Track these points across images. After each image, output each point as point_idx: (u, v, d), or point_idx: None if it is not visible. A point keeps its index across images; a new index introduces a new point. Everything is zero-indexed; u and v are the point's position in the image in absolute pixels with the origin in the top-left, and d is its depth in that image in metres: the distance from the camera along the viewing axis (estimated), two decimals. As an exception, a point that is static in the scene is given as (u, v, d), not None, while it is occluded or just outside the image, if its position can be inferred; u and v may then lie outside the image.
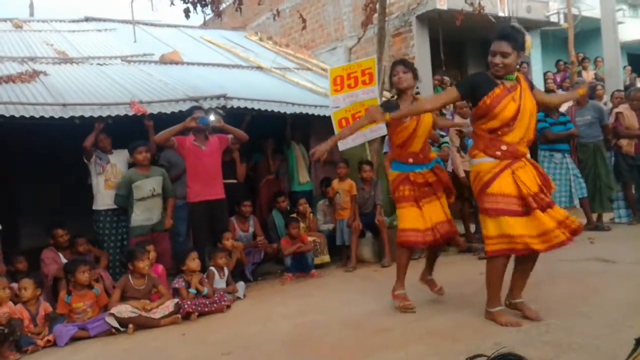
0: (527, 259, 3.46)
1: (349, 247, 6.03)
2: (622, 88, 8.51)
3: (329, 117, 6.23)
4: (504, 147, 3.32)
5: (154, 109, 5.74)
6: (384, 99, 7.10)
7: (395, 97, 4.05)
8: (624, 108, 6.77)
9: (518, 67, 3.64)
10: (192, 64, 8.59)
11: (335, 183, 6.42)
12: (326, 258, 6.13)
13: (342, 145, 6.24)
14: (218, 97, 6.18)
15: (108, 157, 5.53)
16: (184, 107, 5.84)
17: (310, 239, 5.98)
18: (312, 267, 5.73)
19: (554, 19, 10.73)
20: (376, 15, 7.17)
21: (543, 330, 3.29)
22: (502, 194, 3.27)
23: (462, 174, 5.92)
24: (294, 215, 6.32)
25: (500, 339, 3.19)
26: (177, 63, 8.50)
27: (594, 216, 6.66)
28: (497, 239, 3.31)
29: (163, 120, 5.58)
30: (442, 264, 5.02)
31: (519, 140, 3.34)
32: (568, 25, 9.83)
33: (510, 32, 3.35)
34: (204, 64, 8.69)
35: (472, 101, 3.42)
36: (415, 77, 3.99)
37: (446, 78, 9.51)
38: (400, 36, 9.62)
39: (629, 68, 11.71)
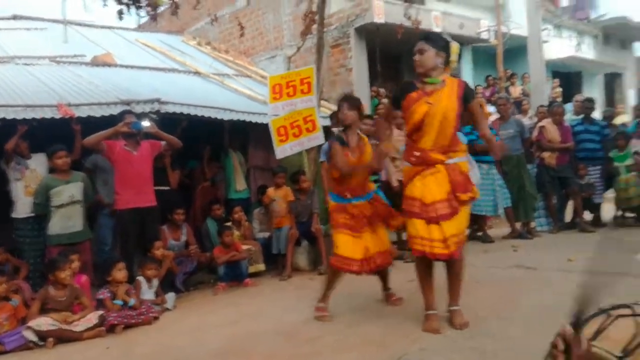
0: (449, 268, 3.59)
1: (285, 255, 6.02)
2: (546, 103, 9.00)
3: (267, 125, 6.22)
4: (417, 154, 3.45)
5: (83, 112, 5.51)
6: (322, 108, 7.19)
7: (342, 129, 4.16)
8: (547, 122, 7.16)
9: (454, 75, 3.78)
10: (126, 66, 8.33)
11: (271, 191, 6.40)
12: (261, 267, 6.07)
13: (280, 153, 6.25)
14: (152, 102, 6.02)
15: (27, 162, 5.26)
16: (115, 110, 5.65)
17: (245, 247, 5.91)
18: (246, 276, 5.65)
19: (484, 36, 11.24)
20: (315, 25, 7.24)
21: (468, 336, 3.40)
22: (410, 197, 3.45)
23: (396, 183, 6.06)
24: (230, 223, 6.23)
25: (427, 345, 3.28)
26: (109, 65, 8.22)
27: (519, 225, 6.99)
28: (413, 239, 3.43)
29: (92, 124, 5.36)
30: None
31: (432, 146, 3.42)
32: (497, 43, 10.33)
33: (430, 34, 3.57)
34: (138, 67, 8.44)
35: (398, 104, 3.54)
36: (360, 114, 4.16)
37: (382, 90, 9.73)
38: (339, 47, 9.76)
39: (556, 81, 12.37)
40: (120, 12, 6.20)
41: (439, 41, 3.46)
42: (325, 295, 4.10)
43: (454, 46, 3.54)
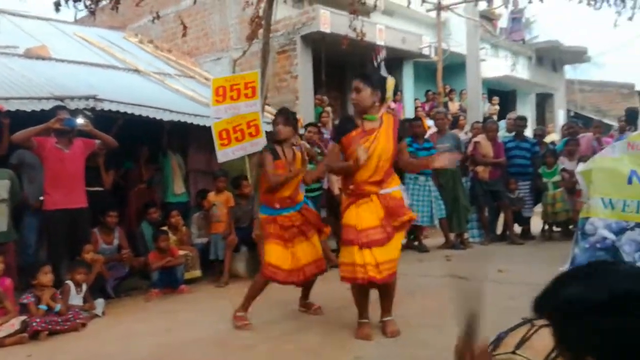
0: (381, 288, 3.70)
1: (223, 261, 5.92)
2: (481, 119, 9.38)
3: (210, 128, 6.11)
4: (352, 186, 3.62)
5: (13, 106, 5.20)
6: (266, 113, 7.15)
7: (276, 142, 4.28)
8: (481, 138, 7.46)
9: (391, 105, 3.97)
10: (62, 60, 7.96)
11: (211, 195, 6.29)
12: (197, 273, 5.92)
13: (222, 157, 6.15)
14: (87, 98, 5.76)
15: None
16: (47, 106, 5.37)
17: (181, 252, 5.76)
18: (182, 282, 5.50)
19: (426, 51, 11.59)
20: (262, 30, 7.22)
21: (401, 345, 3.48)
22: (345, 225, 3.60)
23: (337, 191, 6.11)
24: (166, 227, 6.05)
25: (361, 354, 3.32)
26: (44, 58, 7.82)
27: (453, 236, 7.22)
28: (344, 267, 3.56)
29: (22, 119, 5.08)
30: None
31: (366, 179, 3.57)
32: (438, 59, 10.68)
33: (366, 73, 3.75)
34: (75, 62, 8.08)
35: (338, 140, 3.70)
36: (295, 129, 4.34)
37: (325, 98, 9.82)
38: (285, 54, 9.77)
39: (495, 99, 12.87)
40: (57, 4, 5.92)
41: (374, 79, 3.64)
42: (246, 304, 4.12)
43: (390, 81, 3.75)
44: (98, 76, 7.65)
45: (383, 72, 3.79)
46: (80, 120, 5.15)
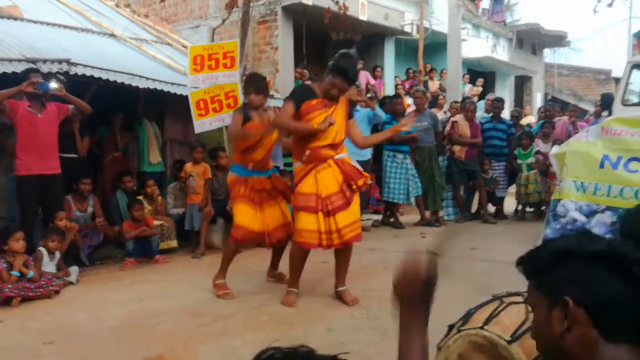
0: (339, 253, 3.87)
1: (199, 232, 5.90)
2: (460, 99, 9.43)
3: (187, 97, 6.01)
4: (307, 152, 3.70)
5: (-19, 68, 5.02)
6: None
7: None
8: (459, 117, 7.51)
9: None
10: (34, 22, 7.67)
11: (188, 166, 6.21)
12: (173, 243, 5.89)
13: (199, 128, 6.08)
14: (60, 62, 5.58)
15: None
16: (19, 68, 5.19)
17: (156, 222, 5.71)
18: (157, 252, 5.47)
19: (408, 29, 11.53)
20: (242, -1, 7.07)
21: (373, 317, 3.55)
22: (302, 193, 3.69)
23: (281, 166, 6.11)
24: (141, 197, 5.98)
25: (334, 325, 3.37)
26: (15, 19, 7.53)
27: (428, 213, 7.31)
28: (306, 233, 3.67)
29: (-9, 81, 4.92)
30: (286, 252, 5.16)
31: (323, 144, 3.70)
32: (419, 37, 10.64)
33: (348, 72, 3.70)
34: (48, 24, 7.80)
35: (297, 107, 3.72)
36: (267, 95, 4.41)
37: (306, 71, 9.73)
38: (266, 24, 9.61)
39: (480, 80, 12.89)
40: (29, -38, 5.68)
41: (354, 76, 3.93)
42: (222, 270, 4.18)
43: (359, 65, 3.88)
44: (72, 39, 7.41)
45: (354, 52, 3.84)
46: (53, 85, 5.00)
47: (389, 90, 10.68)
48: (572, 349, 1.03)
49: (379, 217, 7.53)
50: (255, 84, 4.27)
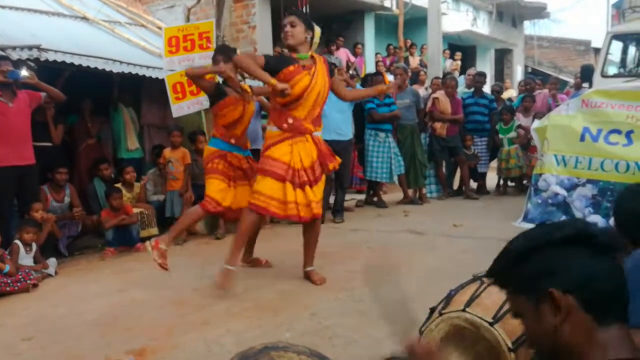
0: (307, 230, 3.87)
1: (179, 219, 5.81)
2: (441, 75, 9.37)
3: (163, 80, 5.88)
4: (290, 120, 3.64)
5: (-54, 56, 4.83)
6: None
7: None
8: (440, 94, 7.46)
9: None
10: (2, 7, 7.40)
11: (167, 152, 6.10)
12: (154, 231, 5.78)
13: (176, 112, 5.96)
14: (30, 48, 5.39)
15: None
16: (-14, 56, 5.02)
17: (136, 210, 5.61)
18: (138, 241, 5.37)
19: (387, 4, 11.37)
20: (217, -23, 6.89)
21: (358, 299, 3.53)
22: (273, 158, 3.62)
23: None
24: (120, 184, 5.87)
25: (317, 310, 3.35)
26: (-19, 3, 7.27)
27: (411, 191, 7.31)
28: (268, 200, 3.62)
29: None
30: (269, 236, 5.13)
31: (305, 116, 3.67)
32: (399, 12, 10.50)
33: (299, 11, 3.84)
34: (16, 8, 7.54)
35: (272, 75, 3.59)
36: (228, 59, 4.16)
37: (286, 50, 9.56)
38: (242, 2, 9.39)
39: (458, 54, 12.83)
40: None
41: (307, 19, 3.71)
42: (172, 234, 4.08)
43: (317, 30, 3.75)
44: (42, 24, 7.17)
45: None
46: (24, 72, 4.85)
47: (370, 67, 10.57)
48: (569, 339, 1.03)
49: (362, 196, 7.52)
50: (225, 51, 4.20)
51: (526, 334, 1.16)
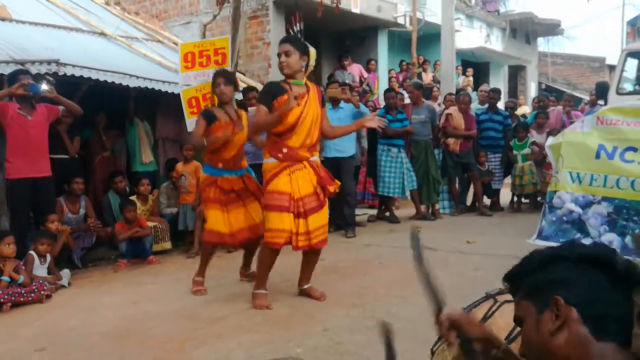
0: (308, 254, 3.87)
1: (192, 232, 5.85)
2: (454, 91, 9.37)
3: (179, 95, 5.95)
4: (284, 150, 3.63)
5: (-32, 70, 4.94)
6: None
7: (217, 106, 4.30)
8: (453, 110, 7.46)
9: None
10: (22, 22, 7.57)
11: (179, 165, 6.16)
12: (167, 245, 5.82)
13: (191, 126, 6.01)
14: (49, 62, 5.51)
15: None
16: (7, 70, 5.11)
17: (150, 224, 5.65)
18: (150, 253, 5.41)
19: (401, 21, 11.44)
20: (232, -6, 6.99)
21: (369, 316, 3.51)
22: (278, 192, 3.61)
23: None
24: (134, 197, 5.92)
25: (329, 325, 3.33)
26: (3, 19, 7.44)
27: (424, 207, 7.28)
28: (276, 232, 3.62)
29: (-23, 84, 4.84)
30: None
31: (300, 145, 3.65)
32: (412, 29, 10.56)
33: (293, 37, 3.83)
34: (36, 24, 7.70)
35: (269, 107, 3.63)
36: (236, 88, 4.30)
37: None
38: (257, 19, 9.52)
39: (470, 70, 12.83)
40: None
41: (301, 45, 3.68)
42: (200, 270, 4.26)
43: (312, 52, 3.74)
44: (61, 39, 7.33)
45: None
46: (44, 86, 4.93)
47: (383, 83, 10.61)
48: (562, 349, 1.03)
49: (374, 211, 7.50)
50: (225, 74, 4.22)
51: (522, 340, 1.16)
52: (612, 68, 12.59)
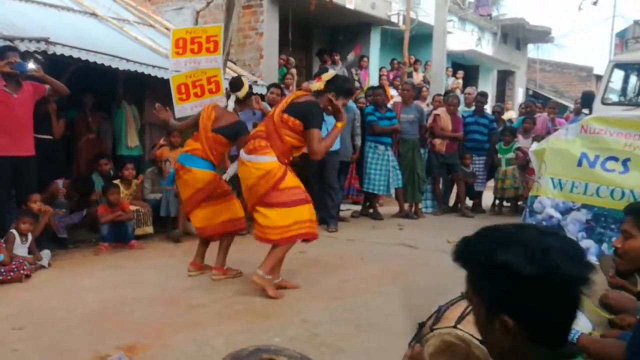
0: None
1: (175, 219, 5.83)
2: (443, 92, 9.42)
3: (168, 80, 5.91)
4: (292, 157, 3.96)
5: (-46, 44, 4.86)
6: (227, 69, 6.96)
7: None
8: (441, 111, 7.52)
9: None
10: (12, -2, 7.46)
11: (165, 151, 6.13)
12: (149, 229, 5.79)
13: (179, 112, 5.99)
14: (38, 40, 5.43)
15: None
16: (-5, 46, 5.04)
17: (133, 208, 5.62)
18: (132, 238, 5.38)
19: (394, 19, 11.46)
20: (227, -19, 6.94)
21: (349, 309, 3.55)
22: (295, 186, 3.81)
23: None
24: (118, 180, 5.88)
25: (308, 316, 3.37)
26: (-8, -7, 7.31)
27: (407, 205, 7.34)
28: (301, 224, 3.74)
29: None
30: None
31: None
32: (405, 28, 10.60)
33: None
34: (27, 0, 7.59)
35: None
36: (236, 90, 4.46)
37: (292, 59, 9.64)
38: (251, 9, 9.46)
39: (460, 73, 12.88)
40: None
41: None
42: (221, 260, 4.32)
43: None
44: (51, 17, 7.22)
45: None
46: (31, 65, 4.87)
47: (373, 80, 10.64)
48: (502, 347, 1.11)
49: (359, 207, 7.54)
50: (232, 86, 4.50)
51: (475, 323, 1.20)
52: (599, 78, 12.76)
